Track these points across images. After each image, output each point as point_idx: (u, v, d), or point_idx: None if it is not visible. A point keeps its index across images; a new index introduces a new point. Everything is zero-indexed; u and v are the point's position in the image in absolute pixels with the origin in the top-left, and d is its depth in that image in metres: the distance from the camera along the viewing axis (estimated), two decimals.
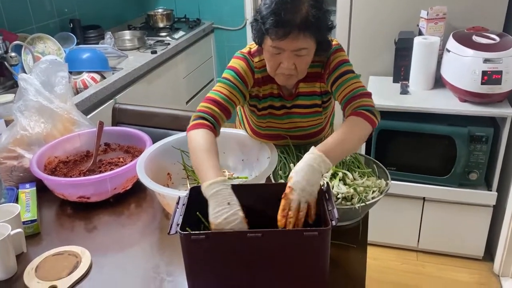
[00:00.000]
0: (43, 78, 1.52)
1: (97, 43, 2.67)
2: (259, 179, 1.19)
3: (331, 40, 1.26)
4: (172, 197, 1.13)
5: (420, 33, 2.16)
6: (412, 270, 2.26)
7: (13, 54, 2.00)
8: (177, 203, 1.00)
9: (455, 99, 2.05)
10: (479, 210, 2.13)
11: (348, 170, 1.24)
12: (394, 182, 2.11)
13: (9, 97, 1.75)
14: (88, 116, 2.00)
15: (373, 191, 1.18)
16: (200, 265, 0.93)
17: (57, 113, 1.52)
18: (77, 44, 2.57)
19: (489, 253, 2.28)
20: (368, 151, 2.17)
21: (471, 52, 1.91)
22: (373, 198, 1.15)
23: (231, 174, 1.41)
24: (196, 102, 3.16)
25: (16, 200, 1.31)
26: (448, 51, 2.02)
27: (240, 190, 1.07)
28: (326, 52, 1.25)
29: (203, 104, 1.26)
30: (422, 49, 2.07)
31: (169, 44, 2.84)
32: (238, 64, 1.31)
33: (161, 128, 1.75)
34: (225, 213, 0.96)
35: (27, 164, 1.40)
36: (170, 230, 0.91)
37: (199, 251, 0.91)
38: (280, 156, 1.33)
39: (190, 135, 1.18)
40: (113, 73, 2.35)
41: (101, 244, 1.19)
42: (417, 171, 2.13)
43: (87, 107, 2.05)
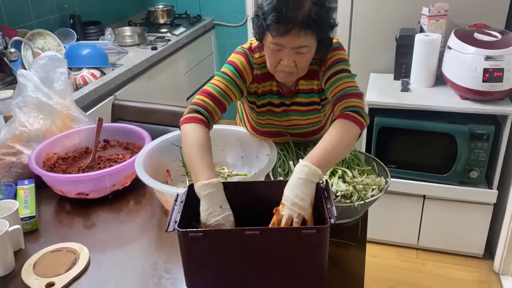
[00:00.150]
0: (42, 74, 1.52)
1: (97, 39, 2.66)
2: (258, 176, 1.19)
3: (332, 38, 1.25)
4: (171, 194, 1.12)
5: (422, 30, 2.15)
6: (412, 268, 2.25)
7: (12, 49, 2.00)
8: (175, 201, 0.99)
9: (456, 96, 2.04)
10: (480, 208, 2.13)
11: (347, 168, 1.24)
12: (394, 179, 2.11)
13: (8, 93, 1.75)
14: (87, 113, 1.99)
15: (373, 189, 1.17)
16: (198, 263, 0.93)
17: (56, 109, 1.51)
18: (77, 40, 2.56)
19: (489, 251, 2.28)
20: (368, 148, 2.16)
21: (473, 50, 1.90)
22: (372, 196, 1.15)
23: (230, 171, 1.40)
24: None
25: (15, 196, 1.31)
26: (450, 48, 2.01)
27: (239, 188, 1.08)
28: (327, 50, 1.24)
29: (198, 96, 1.24)
30: (423, 46, 2.06)
31: (169, 40, 2.83)
32: (237, 59, 1.29)
33: (161, 125, 1.74)
34: (216, 215, 0.97)
35: (25, 160, 1.40)
36: (168, 227, 0.91)
37: (197, 249, 0.91)
38: (279, 154, 1.32)
39: (184, 129, 1.17)
40: (113, 69, 2.34)
41: (100, 240, 1.19)
42: (418, 169, 2.13)
43: (87, 104, 2.04)
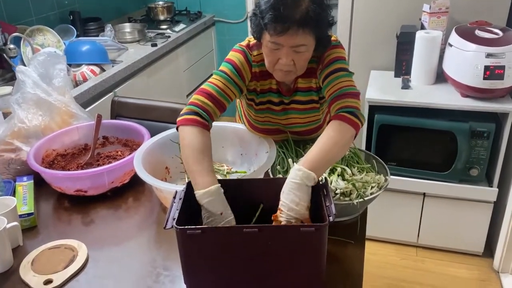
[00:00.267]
0: (41, 70, 1.51)
1: (97, 36, 2.66)
2: (257, 173, 1.19)
3: (331, 36, 1.24)
4: (169, 191, 1.12)
5: (423, 27, 2.14)
6: (412, 265, 2.25)
7: (11, 46, 1.99)
8: (174, 198, 0.99)
9: (456, 94, 2.03)
10: (480, 206, 2.12)
11: (347, 166, 1.23)
12: (394, 177, 2.11)
13: (7, 89, 1.74)
14: (87, 109, 1.99)
15: (372, 187, 1.17)
16: (196, 260, 0.92)
17: (55, 106, 1.51)
18: (77, 36, 2.56)
19: (489, 249, 2.27)
20: (368, 146, 2.16)
21: (474, 47, 1.89)
22: (371, 193, 1.15)
23: (230, 168, 1.40)
24: None
25: (13, 193, 1.31)
26: (450, 45, 2.00)
27: (238, 185, 1.07)
28: (325, 48, 1.23)
29: (197, 96, 1.21)
30: (424, 43, 2.05)
31: (169, 37, 2.83)
32: (236, 57, 1.28)
33: (160, 122, 1.74)
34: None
35: (24, 157, 1.39)
36: (166, 224, 0.90)
37: (195, 246, 0.91)
38: (278, 151, 1.32)
39: (183, 131, 1.14)
40: (112, 66, 2.33)
41: (98, 237, 1.19)
42: (418, 167, 2.12)
43: (86, 100, 2.04)
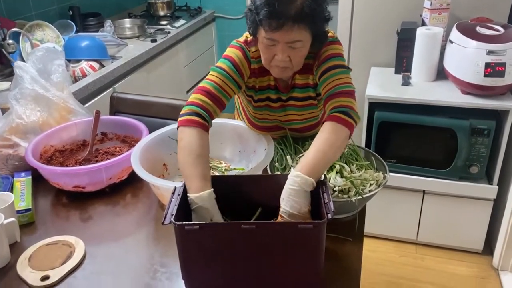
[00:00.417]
0: (39, 66, 1.51)
1: (96, 31, 2.64)
2: (255, 170, 1.18)
3: (327, 32, 1.23)
4: (166, 188, 1.12)
5: (423, 24, 2.12)
6: (411, 263, 2.25)
7: (10, 41, 1.98)
8: (173, 193, 0.99)
9: (457, 91, 2.02)
10: (480, 204, 2.12)
11: (345, 163, 1.23)
12: (394, 174, 2.11)
13: (5, 85, 1.74)
14: (86, 105, 1.99)
15: (371, 184, 1.16)
16: (194, 256, 0.92)
17: (53, 102, 1.50)
18: (77, 32, 2.55)
19: (489, 247, 2.27)
20: (368, 143, 2.15)
21: (475, 44, 1.88)
22: (370, 191, 1.14)
23: (228, 165, 1.39)
24: None
25: (11, 189, 1.30)
26: (451, 42, 1.99)
27: (236, 182, 1.07)
28: (322, 44, 1.22)
29: (196, 95, 1.20)
30: (425, 40, 2.04)
31: (169, 32, 2.81)
32: (234, 53, 1.27)
33: (159, 118, 1.73)
34: None
35: (22, 152, 1.39)
36: (164, 220, 0.90)
37: (193, 242, 0.90)
38: (277, 148, 1.31)
39: (182, 132, 1.13)
40: (112, 62, 2.32)
41: (96, 234, 1.18)
42: (418, 164, 2.12)
43: (85, 96, 2.03)
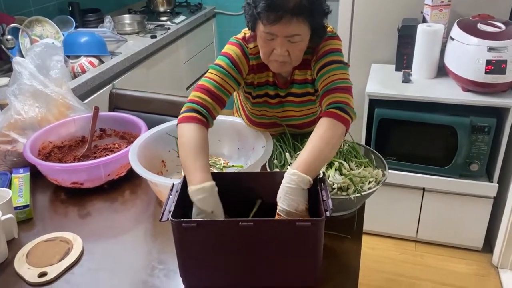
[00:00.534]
0: (37, 61, 1.50)
1: (96, 27, 2.63)
2: (254, 167, 1.18)
3: (326, 27, 1.22)
4: (164, 185, 1.11)
5: (424, 20, 2.11)
6: (411, 260, 2.25)
7: (9, 37, 1.98)
8: (171, 190, 0.98)
9: (458, 88, 2.01)
10: (480, 202, 2.11)
11: (344, 160, 1.22)
12: (394, 172, 2.10)
13: (3, 80, 1.74)
14: (85, 101, 1.98)
15: (370, 182, 1.16)
16: (192, 253, 0.92)
17: (52, 98, 1.50)
18: (76, 27, 2.54)
19: (488, 244, 2.27)
20: (368, 140, 2.14)
21: (475, 41, 1.87)
22: (369, 188, 1.14)
23: (226, 162, 1.39)
24: None
25: (9, 185, 1.30)
26: (452, 39, 1.98)
27: (234, 179, 1.07)
28: (321, 39, 1.21)
29: (195, 93, 1.19)
30: (426, 37, 2.02)
31: (169, 28, 2.81)
32: (232, 50, 1.26)
33: (158, 114, 1.73)
34: None
35: (21, 148, 1.39)
36: (162, 217, 0.90)
37: (190, 239, 0.90)
38: (275, 145, 1.31)
39: (181, 128, 1.12)
40: (111, 58, 2.32)
41: (94, 230, 1.18)
42: (418, 161, 2.11)
43: (85, 92, 2.02)
